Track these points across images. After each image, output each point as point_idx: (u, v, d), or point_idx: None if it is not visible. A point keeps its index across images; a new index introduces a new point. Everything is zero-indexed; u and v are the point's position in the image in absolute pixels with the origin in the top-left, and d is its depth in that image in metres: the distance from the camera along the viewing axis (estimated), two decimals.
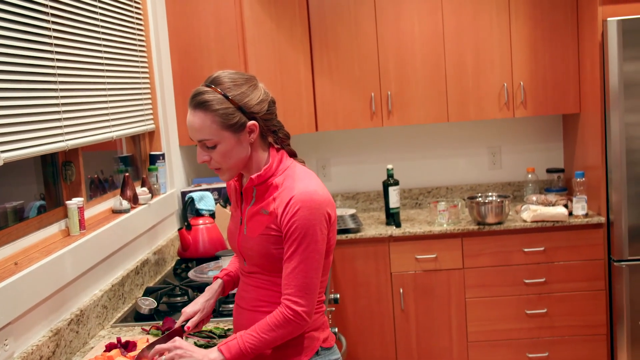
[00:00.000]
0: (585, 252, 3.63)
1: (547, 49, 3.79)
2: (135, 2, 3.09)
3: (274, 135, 1.79)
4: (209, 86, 1.70)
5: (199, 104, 1.68)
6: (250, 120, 1.71)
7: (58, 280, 2.09)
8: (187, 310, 1.90)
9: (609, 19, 3.40)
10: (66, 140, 2.28)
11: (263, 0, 3.55)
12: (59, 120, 2.24)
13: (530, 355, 3.68)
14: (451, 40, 3.82)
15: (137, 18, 3.10)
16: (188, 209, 3.23)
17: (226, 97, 1.68)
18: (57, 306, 2.12)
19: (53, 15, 2.24)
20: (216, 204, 3.33)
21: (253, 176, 1.75)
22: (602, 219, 3.58)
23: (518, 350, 3.69)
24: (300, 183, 1.70)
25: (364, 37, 3.86)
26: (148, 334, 2.23)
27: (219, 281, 1.98)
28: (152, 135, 3.29)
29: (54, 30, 2.24)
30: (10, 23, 1.98)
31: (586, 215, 3.63)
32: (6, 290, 1.80)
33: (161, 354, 1.70)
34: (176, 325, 1.88)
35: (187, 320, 1.89)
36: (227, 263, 2.26)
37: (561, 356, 3.68)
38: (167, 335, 1.84)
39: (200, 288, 2.60)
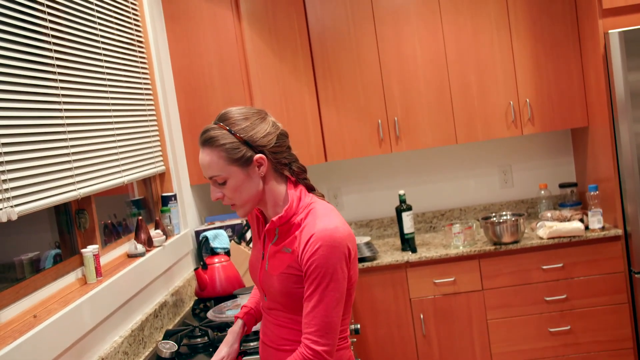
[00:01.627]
0: (605, 266, 3.59)
1: (550, 65, 3.80)
2: (139, 45, 3.12)
3: (287, 168, 1.78)
4: (216, 123, 1.73)
5: (205, 140, 1.71)
6: (257, 153, 1.71)
7: (78, 330, 2.09)
8: None
9: (610, 31, 3.40)
10: (78, 189, 2.29)
11: (264, 34, 3.59)
12: (70, 169, 2.25)
13: None
14: (454, 61, 3.83)
15: (141, 61, 3.13)
16: (203, 248, 3.22)
17: (230, 132, 1.69)
18: (78, 356, 2.10)
19: (59, 66, 2.27)
20: (230, 241, 3.32)
21: (274, 219, 1.74)
22: (620, 231, 3.55)
23: None
24: (320, 221, 1.68)
25: (366, 64, 3.87)
26: None
27: (240, 322, 1.99)
28: (162, 176, 3.30)
29: (61, 81, 2.27)
30: (17, 77, 2.00)
31: (603, 229, 3.60)
32: (27, 344, 1.79)
33: None
34: None
35: None
36: (245, 301, 2.25)
37: None
38: None
39: (220, 328, 2.59)
